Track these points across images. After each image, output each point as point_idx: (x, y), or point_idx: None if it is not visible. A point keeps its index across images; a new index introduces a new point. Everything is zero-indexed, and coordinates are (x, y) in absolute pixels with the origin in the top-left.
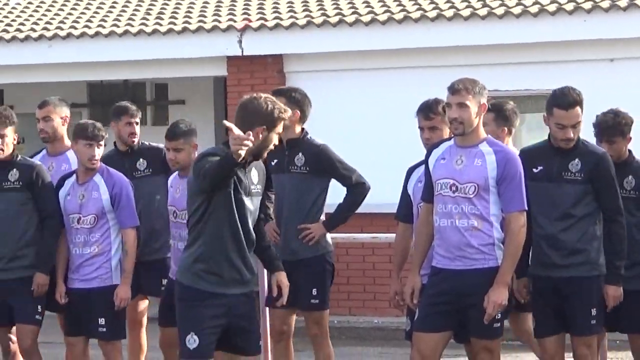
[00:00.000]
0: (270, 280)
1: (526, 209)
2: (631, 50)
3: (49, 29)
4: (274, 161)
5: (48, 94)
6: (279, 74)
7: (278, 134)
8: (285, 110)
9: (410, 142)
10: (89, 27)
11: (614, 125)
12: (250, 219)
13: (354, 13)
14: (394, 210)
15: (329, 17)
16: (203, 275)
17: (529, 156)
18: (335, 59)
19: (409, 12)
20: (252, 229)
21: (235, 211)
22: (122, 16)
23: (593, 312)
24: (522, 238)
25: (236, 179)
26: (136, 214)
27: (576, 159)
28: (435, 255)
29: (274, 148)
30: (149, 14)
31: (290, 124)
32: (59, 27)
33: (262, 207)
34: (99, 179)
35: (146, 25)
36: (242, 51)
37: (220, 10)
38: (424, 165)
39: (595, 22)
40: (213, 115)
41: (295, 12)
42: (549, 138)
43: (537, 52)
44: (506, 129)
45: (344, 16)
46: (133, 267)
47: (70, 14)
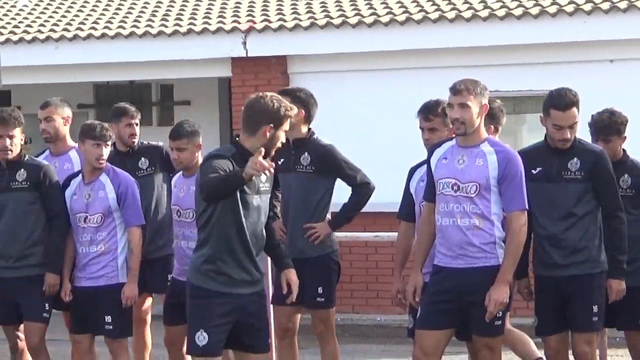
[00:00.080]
0: (277, 277)
1: (527, 208)
2: (631, 51)
3: (55, 31)
4: (281, 160)
5: (55, 95)
6: (282, 75)
7: (285, 132)
8: (291, 108)
9: (412, 142)
10: (95, 29)
11: (609, 124)
12: (259, 218)
13: (356, 15)
14: (397, 209)
15: (332, 18)
16: (212, 276)
17: (526, 158)
18: (338, 60)
19: (412, 14)
20: (261, 228)
21: (242, 212)
22: (128, 18)
23: (595, 309)
24: (523, 237)
25: None
26: (142, 212)
27: (575, 158)
28: (437, 254)
29: (280, 147)
30: (154, 16)
31: (294, 124)
32: (65, 29)
33: (270, 205)
34: (105, 178)
35: (152, 27)
36: (247, 52)
37: (224, 12)
38: (425, 165)
39: (595, 24)
40: (218, 115)
41: (299, 14)
42: (545, 139)
43: (538, 53)
44: (492, 127)
45: (347, 18)
46: (139, 265)
47: (77, 15)
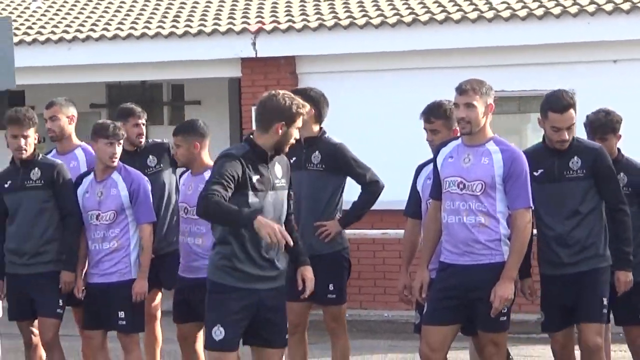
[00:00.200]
0: (290, 274)
1: (532, 206)
2: (634, 51)
3: (68, 32)
4: (293, 159)
5: (68, 95)
6: (291, 75)
7: (297, 129)
8: (303, 105)
9: (418, 141)
10: (108, 30)
11: (606, 123)
12: (274, 214)
13: (364, 16)
14: (403, 207)
15: (340, 19)
16: (229, 272)
17: (527, 160)
18: (346, 60)
19: (418, 15)
20: (279, 222)
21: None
22: (139, 19)
23: (604, 301)
24: (528, 234)
25: (250, 179)
26: (153, 210)
27: (575, 157)
28: (443, 251)
29: (293, 145)
30: (165, 17)
31: (305, 122)
32: (78, 30)
33: (288, 202)
34: (117, 176)
35: (163, 28)
36: (256, 53)
37: (234, 14)
38: (432, 163)
39: (599, 25)
40: (228, 115)
41: (307, 15)
42: (544, 140)
43: (543, 54)
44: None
45: (354, 19)
46: (149, 261)
47: (89, 17)
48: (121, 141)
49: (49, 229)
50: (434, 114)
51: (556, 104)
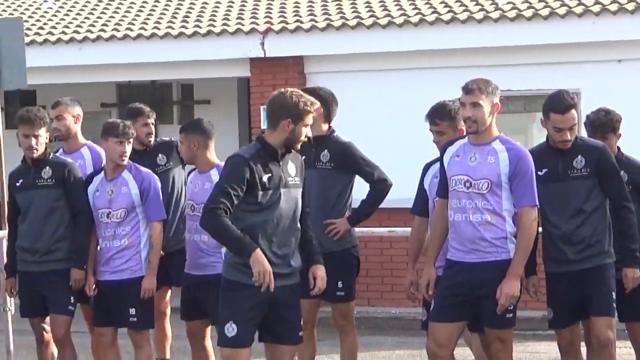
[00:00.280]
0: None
1: (537, 204)
2: (638, 51)
3: (79, 32)
4: (302, 157)
5: (79, 95)
6: (299, 75)
7: (307, 127)
8: (312, 102)
9: (425, 140)
10: (118, 30)
11: (606, 122)
12: (287, 211)
13: (371, 16)
14: (410, 205)
15: (347, 20)
16: (241, 269)
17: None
18: (353, 60)
19: (425, 15)
20: (290, 222)
21: (264, 209)
22: (149, 20)
23: (612, 295)
24: (534, 232)
25: (259, 179)
26: (163, 207)
27: (579, 156)
28: (450, 249)
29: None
30: (175, 18)
31: (314, 121)
32: (89, 30)
33: (303, 200)
34: (127, 174)
35: (172, 29)
36: (265, 53)
37: (243, 14)
38: (439, 162)
39: (604, 25)
40: (237, 114)
41: (315, 16)
42: (548, 140)
43: (548, 53)
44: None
45: (362, 19)
46: (158, 259)
47: (100, 17)
48: (131, 140)
49: (60, 227)
50: (439, 115)
51: (557, 104)
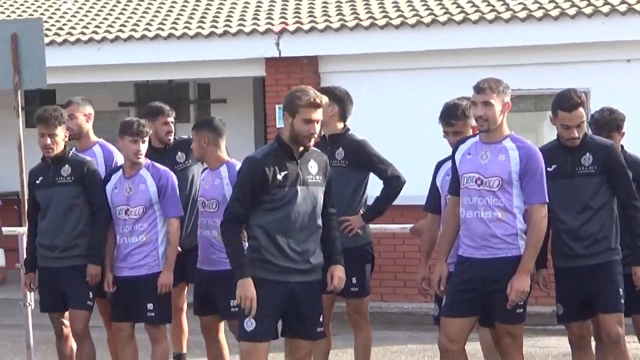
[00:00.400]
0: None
1: (547, 201)
2: None
3: (98, 33)
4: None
5: (97, 94)
6: (314, 75)
7: (309, 122)
8: (305, 96)
9: (438, 138)
10: (136, 31)
11: (611, 121)
12: (304, 208)
13: (384, 17)
14: (423, 202)
15: (361, 20)
16: (260, 264)
17: (542, 156)
18: (366, 59)
19: (437, 15)
20: (308, 219)
21: (281, 206)
22: (167, 20)
23: (620, 292)
24: (544, 229)
25: (273, 177)
26: (180, 204)
27: (587, 154)
28: (461, 245)
29: (313, 140)
30: (191, 18)
31: (329, 119)
32: (107, 31)
33: (332, 200)
34: (145, 172)
35: (189, 29)
36: (280, 53)
37: (258, 15)
38: (451, 160)
39: (613, 25)
40: (253, 113)
41: (329, 16)
42: (558, 137)
43: (558, 53)
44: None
45: (375, 19)
46: (175, 255)
47: (118, 18)
48: (145, 138)
49: (79, 224)
50: (453, 116)
51: (565, 102)
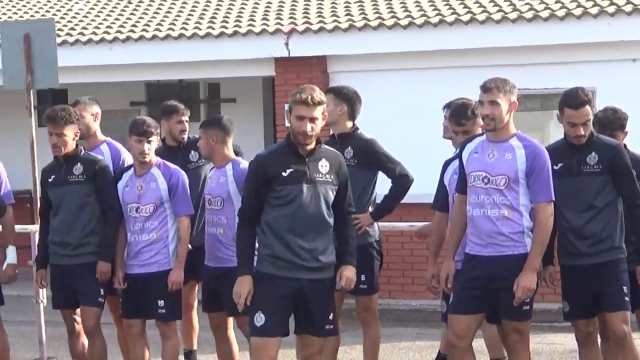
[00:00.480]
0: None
1: (553, 199)
2: None
3: (109, 33)
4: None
5: (109, 93)
6: (323, 74)
7: (302, 119)
8: (299, 96)
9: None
10: (147, 31)
11: (614, 120)
12: (311, 206)
13: (392, 17)
14: (430, 201)
15: (369, 20)
16: (269, 260)
17: (549, 155)
18: (375, 59)
19: (444, 16)
20: (315, 216)
21: (286, 202)
22: (177, 20)
23: (625, 290)
24: (550, 227)
25: (279, 174)
26: (191, 203)
27: (593, 153)
28: (469, 243)
29: (311, 139)
30: (202, 19)
31: (338, 118)
32: (118, 31)
33: (344, 200)
34: (156, 171)
35: (199, 29)
36: (289, 53)
37: (268, 15)
38: (458, 159)
39: (618, 25)
40: (262, 112)
41: (338, 16)
42: (565, 136)
43: (564, 53)
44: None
45: (383, 20)
46: (186, 253)
47: (129, 18)
48: (152, 138)
49: (91, 221)
50: (464, 116)
51: (572, 100)
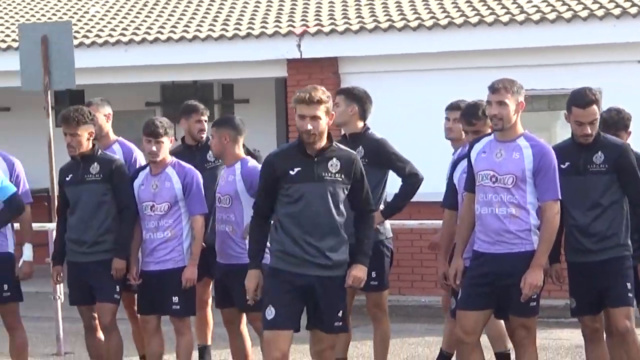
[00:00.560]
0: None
1: (560, 198)
2: None
3: (125, 35)
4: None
5: (124, 94)
6: (334, 75)
7: (303, 118)
8: (299, 95)
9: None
10: (162, 33)
11: (618, 120)
12: (320, 204)
13: (402, 19)
14: (439, 199)
15: (379, 22)
16: (280, 256)
17: (556, 154)
18: (385, 61)
19: (453, 18)
20: (324, 214)
21: (294, 200)
22: (191, 23)
23: (628, 286)
24: (557, 225)
25: (287, 173)
26: (205, 202)
27: (599, 152)
28: (477, 240)
29: (315, 137)
30: (215, 21)
31: (349, 119)
32: (134, 33)
33: (362, 199)
34: (171, 170)
35: (213, 31)
36: (301, 54)
37: (280, 17)
38: (467, 158)
39: (624, 27)
40: (275, 112)
41: (349, 19)
42: (572, 136)
43: (571, 54)
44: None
45: (393, 22)
46: (200, 251)
47: (145, 21)
48: (162, 139)
49: (107, 220)
50: (474, 116)
51: (580, 99)
